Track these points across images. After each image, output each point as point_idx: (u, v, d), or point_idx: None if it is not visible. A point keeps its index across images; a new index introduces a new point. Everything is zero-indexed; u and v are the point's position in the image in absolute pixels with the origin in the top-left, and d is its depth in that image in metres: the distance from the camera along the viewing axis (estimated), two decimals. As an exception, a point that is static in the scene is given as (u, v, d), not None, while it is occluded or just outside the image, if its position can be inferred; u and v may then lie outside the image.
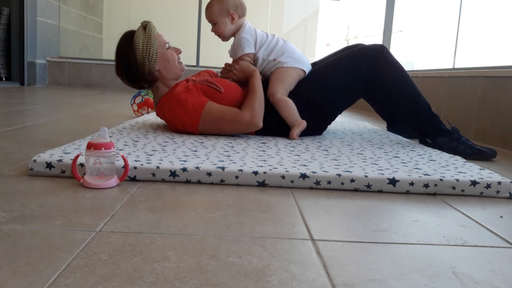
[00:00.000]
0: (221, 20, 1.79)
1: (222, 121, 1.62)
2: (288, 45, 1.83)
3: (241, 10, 1.80)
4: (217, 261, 0.66)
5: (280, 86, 1.75)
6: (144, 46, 1.62)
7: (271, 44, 1.81)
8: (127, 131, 1.68)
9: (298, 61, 1.81)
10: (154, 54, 1.63)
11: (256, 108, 1.62)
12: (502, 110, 2.08)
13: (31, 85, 5.08)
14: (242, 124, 1.61)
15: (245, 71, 1.75)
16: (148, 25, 1.65)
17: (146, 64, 1.63)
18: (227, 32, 1.81)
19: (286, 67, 1.79)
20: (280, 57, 1.80)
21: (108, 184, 1.02)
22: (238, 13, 1.79)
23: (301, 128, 1.72)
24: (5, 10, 4.77)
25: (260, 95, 1.66)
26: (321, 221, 0.87)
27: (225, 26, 1.79)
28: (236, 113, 1.61)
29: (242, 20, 1.82)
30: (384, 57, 1.75)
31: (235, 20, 1.79)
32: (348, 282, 0.61)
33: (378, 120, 3.15)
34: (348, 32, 19.97)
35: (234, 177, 1.11)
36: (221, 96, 1.67)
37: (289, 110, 1.72)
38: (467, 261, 0.71)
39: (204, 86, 1.69)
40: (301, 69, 1.81)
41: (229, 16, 1.78)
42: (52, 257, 0.64)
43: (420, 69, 3.41)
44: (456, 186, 1.13)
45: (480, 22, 3.26)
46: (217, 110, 1.62)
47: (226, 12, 1.77)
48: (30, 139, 1.59)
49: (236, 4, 1.78)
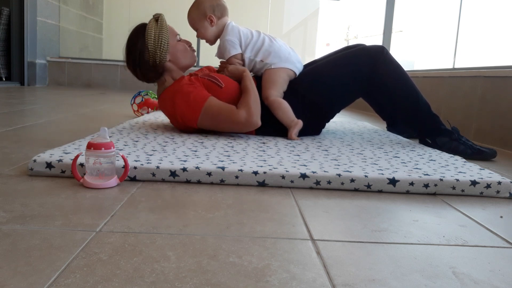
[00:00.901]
0: (201, 25, 1.78)
1: (220, 118, 1.62)
2: (274, 44, 1.80)
3: (220, 11, 1.78)
4: (217, 261, 0.66)
5: (272, 88, 1.74)
6: (156, 37, 1.64)
7: (257, 44, 1.79)
8: (127, 131, 1.68)
9: (285, 61, 1.78)
10: (165, 45, 1.65)
11: (253, 106, 1.62)
12: (502, 110, 2.08)
13: (31, 85, 5.08)
14: (240, 124, 1.61)
15: (235, 74, 1.75)
16: (160, 17, 1.68)
17: (158, 54, 1.65)
18: (210, 36, 1.80)
19: (275, 68, 1.77)
20: (267, 58, 1.78)
21: (108, 184, 1.03)
22: (217, 14, 1.77)
23: (298, 128, 1.72)
24: (5, 10, 4.77)
25: (255, 94, 1.66)
26: (321, 221, 0.87)
27: (206, 30, 1.78)
28: (233, 112, 1.61)
29: (224, 21, 1.80)
30: (384, 57, 1.75)
31: (214, 22, 1.77)
32: (348, 282, 0.61)
33: (378, 120, 3.15)
34: (348, 32, 19.97)
35: (234, 177, 1.11)
36: (221, 91, 1.68)
37: (284, 111, 1.72)
38: (467, 261, 0.71)
39: (206, 80, 1.70)
40: (290, 69, 1.79)
41: (208, 19, 1.76)
42: (52, 257, 0.64)
43: (420, 69, 3.41)
44: (456, 186, 1.13)
45: (480, 22, 3.26)
46: (217, 106, 1.62)
47: (203, 16, 1.76)
48: (30, 139, 1.59)
49: (213, 6, 1.76)
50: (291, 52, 1.83)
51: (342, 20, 19.49)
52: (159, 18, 1.68)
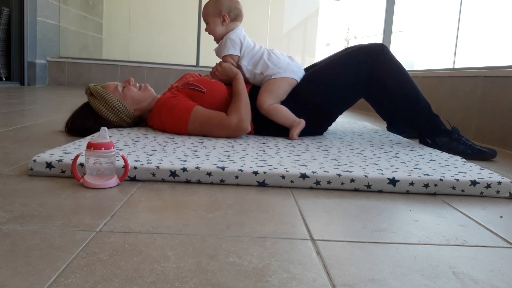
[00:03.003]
0: (212, 20, 1.79)
1: (210, 125, 1.61)
2: (273, 57, 1.79)
3: (235, 14, 1.79)
4: (217, 261, 0.66)
5: (268, 96, 1.73)
6: (107, 107, 1.64)
7: (256, 56, 1.79)
8: (127, 131, 1.68)
9: (285, 70, 1.77)
10: (120, 105, 1.66)
11: (243, 112, 1.61)
12: (502, 110, 2.08)
13: (31, 85, 5.08)
14: (230, 129, 1.61)
15: (228, 74, 1.75)
16: (90, 89, 1.66)
17: (124, 117, 1.68)
18: (217, 33, 1.81)
19: (275, 78, 1.77)
20: (266, 71, 1.77)
21: (108, 184, 1.02)
22: (231, 16, 1.78)
23: (300, 128, 1.72)
24: (5, 10, 4.77)
25: (246, 99, 1.66)
26: (321, 221, 0.87)
27: (215, 26, 1.80)
28: (223, 118, 1.61)
29: (235, 25, 1.81)
30: (384, 56, 1.75)
31: (226, 22, 1.78)
32: (348, 282, 0.61)
33: (378, 120, 3.15)
34: (348, 32, 19.98)
35: (234, 177, 1.11)
36: (205, 96, 1.67)
37: (282, 114, 1.71)
38: (467, 261, 0.71)
39: (186, 89, 1.70)
40: (291, 78, 1.78)
41: (221, 17, 1.78)
42: (52, 257, 0.64)
43: (420, 69, 3.41)
44: (456, 186, 1.13)
45: (480, 22, 3.26)
46: (204, 115, 1.61)
47: (218, 12, 1.78)
48: (30, 139, 1.59)
49: (230, 7, 1.78)
50: (290, 62, 1.81)
51: (342, 20, 19.50)
52: (91, 91, 1.65)
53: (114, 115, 1.65)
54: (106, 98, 1.64)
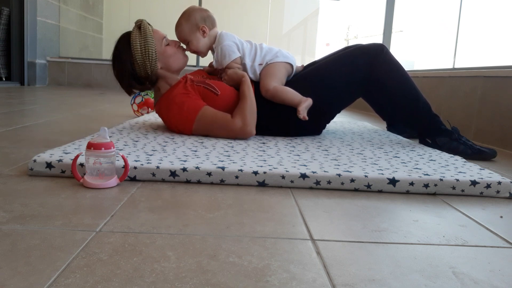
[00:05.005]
0: (193, 37, 1.74)
1: (215, 127, 1.62)
2: (264, 47, 1.83)
3: (210, 21, 1.77)
4: (217, 261, 0.66)
5: (271, 79, 1.74)
6: (142, 47, 1.62)
7: (252, 51, 1.81)
8: (127, 131, 1.68)
9: (278, 56, 1.80)
10: (153, 54, 1.63)
11: (248, 115, 1.61)
12: (502, 110, 2.08)
13: (31, 85, 5.08)
14: (234, 132, 1.61)
15: (234, 79, 1.74)
16: (142, 24, 1.64)
17: (148, 65, 1.64)
18: (202, 47, 1.77)
19: (272, 63, 1.79)
20: (264, 60, 1.80)
21: (108, 184, 1.03)
22: (208, 25, 1.76)
23: (308, 104, 1.71)
24: (5, 10, 4.77)
25: (251, 102, 1.66)
26: (321, 221, 0.87)
27: (198, 41, 1.75)
28: (228, 120, 1.61)
29: (214, 32, 1.79)
30: (384, 56, 1.75)
31: (207, 33, 1.75)
32: (348, 282, 0.61)
33: (378, 120, 3.15)
34: (348, 32, 19.98)
35: (234, 177, 1.11)
36: (217, 98, 1.67)
37: (290, 93, 1.72)
38: (467, 261, 0.71)
39: (202, 88, 1.69)
40: (287, 62, 1.81)
41: (200, 30, 1.74)
42: (52, 257, 0.64)
43: (420, 69, 3.41)
44: (456, 186, 1.13)
45: (480, 22, 3.26)
46: (211, 116, 1.61)
47: (195, 27, 1.74)
48: (30, 139, 1.59)
49: (204, 17, 1.75)
50: (279, 49, 1.85)
51: (342, 20, 19.51)
52: (141, 25, 1.64)
53: (142, 57, 1.62)
54: (148, 40, 1.62)
